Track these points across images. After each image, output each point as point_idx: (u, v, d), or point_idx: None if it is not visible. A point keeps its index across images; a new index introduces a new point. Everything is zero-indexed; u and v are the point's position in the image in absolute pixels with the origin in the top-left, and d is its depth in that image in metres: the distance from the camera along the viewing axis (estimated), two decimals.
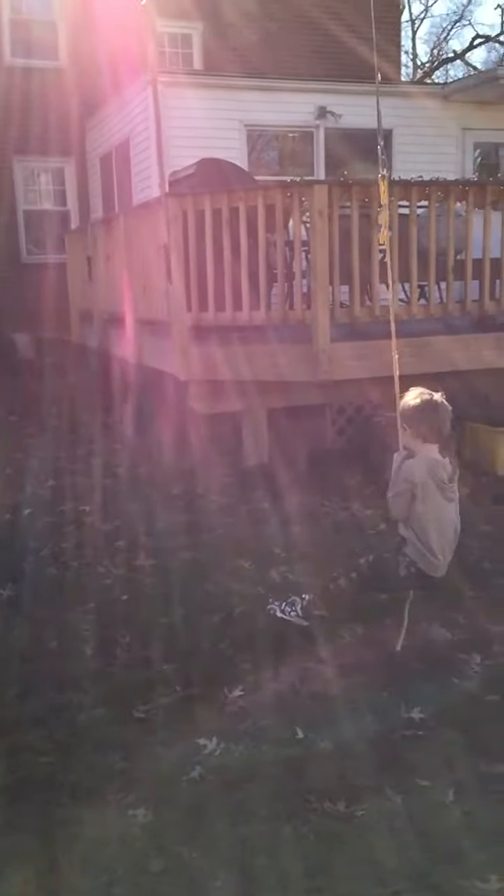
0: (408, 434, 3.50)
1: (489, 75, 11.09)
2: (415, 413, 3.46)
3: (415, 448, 3.51)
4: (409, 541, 3.52)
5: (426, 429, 3.45)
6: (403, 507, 3.47)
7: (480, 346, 6.70)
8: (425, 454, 3.48)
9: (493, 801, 2.60)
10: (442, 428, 3.48)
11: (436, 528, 3.48)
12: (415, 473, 3.41)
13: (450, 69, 31.68)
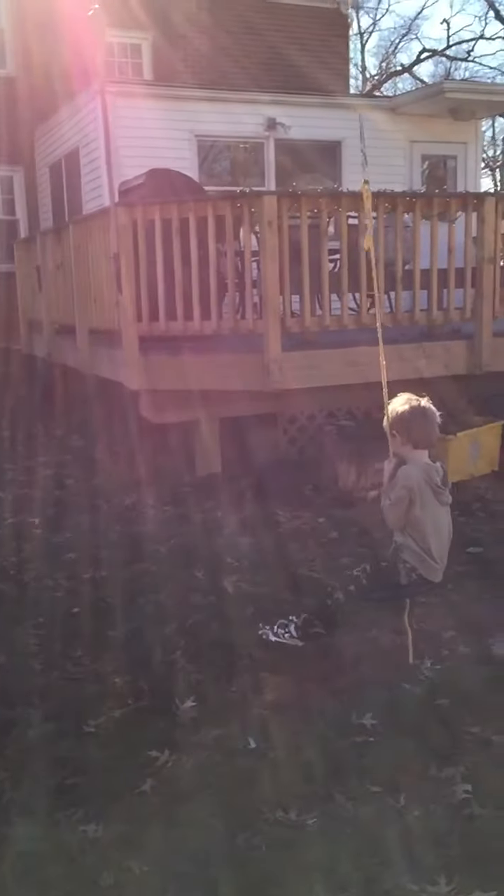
0: (398, 440, 3.49)
1: (436, 89, 11.28)
2: (405, 419, 3.46)
3: (406, 454, 3.50)
4: (407, 547, 3.49)
5: (417, 434, 3.45)
6: (401, 514, 3.44)
7: (430, 354, 6.79)
8: (417, 459, 3.48)
9: (443, 804, 2.63)
10: (432, 433, 3.50)
11: (434, 532, 3.48)
12: (412, 479, 3.40)
13: (398, 82, 32.20)
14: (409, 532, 3.47)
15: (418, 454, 3.48)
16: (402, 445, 3.48)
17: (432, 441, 3.53)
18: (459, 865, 2.34)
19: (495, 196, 6.85)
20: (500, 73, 33.74)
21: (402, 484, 3.40)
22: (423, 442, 3.48)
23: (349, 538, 5.44)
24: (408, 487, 3.38)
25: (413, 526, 3.45)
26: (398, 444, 3.50)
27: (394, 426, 3.48)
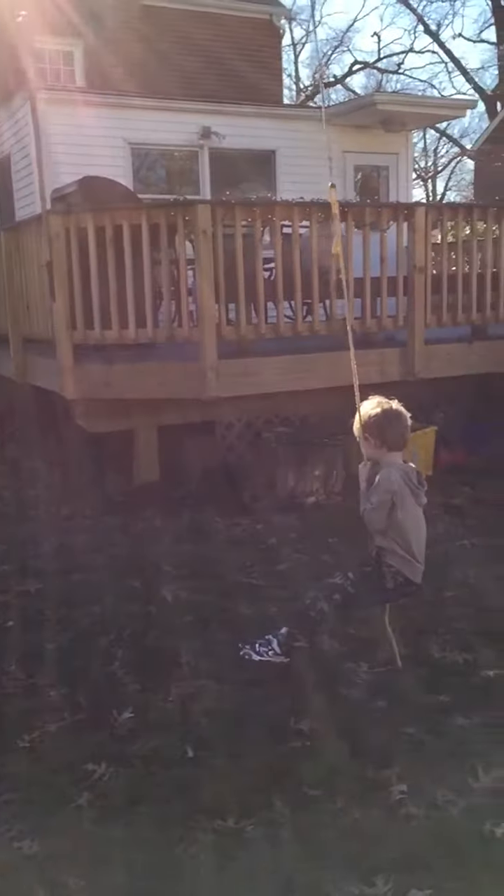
0: (371, 444, 3.48)
1: (367, 100, 11.47)
2: (378, 422, 3.45)
3: (379, 457, 3.49)
4: (390, 551, 3.48)
5: (390, 437, 3.45)
6: (383, 518, 3.43)
7: (365, 362, 6.87)
8: (392, 462, 3.49)
9: (379, 806, 2.66)
10: (405, 434, 3.50)
11: (414, 533, 3.49)
12: (394, 481, 3.40)
13: (332, 94, 32.61)
14: (392, 535, 3.46)
15: (392, 456, 3.49)
16: (377, 449, 3.47)
17: (405, 442, 3.53)
18: (396, 865, 2.36)
19: (425, 206, 6.99)
20: (431, 86, 34.46)
21: (385, 487, 3.39)
22: (396, 444, 3.48)
23: (287, 544, 5.47)
24: (390, 490, 3.38)
25: (396, 529, 3.45)
26: (372, 448, 3.49)
27: (367, 429, 3.46)
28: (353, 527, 5.79)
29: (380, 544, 3.50)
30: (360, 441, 3.53)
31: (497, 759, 2.88)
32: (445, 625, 4.05)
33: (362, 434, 3.49)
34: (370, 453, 3.51)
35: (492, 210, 7.29)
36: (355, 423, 3.56)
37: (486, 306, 7.22)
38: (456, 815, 2.60)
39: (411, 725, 3.14)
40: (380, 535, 3.49)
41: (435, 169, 35.69)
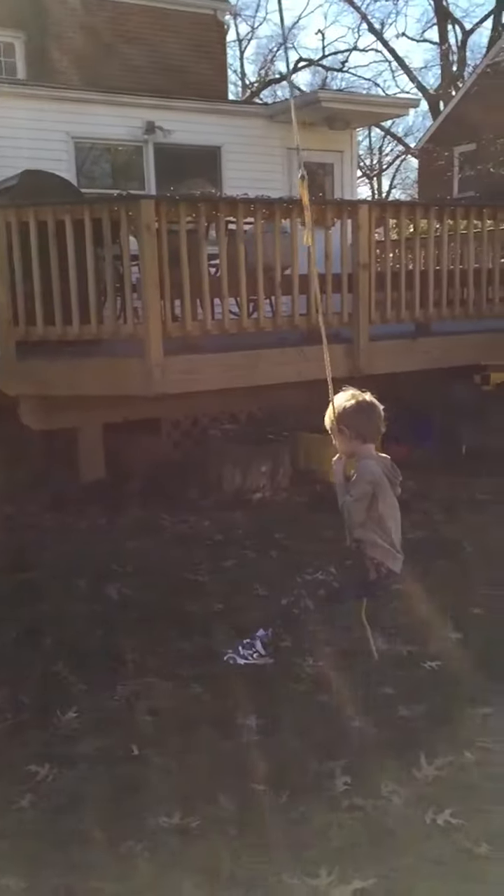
0: (347, 436, 3.46)
1: (311, 98, 11.50)
2: (354, 414, 3.45)
3: (355, 449, 3.48)
4: (371, 543, 3.47)
5: (365, 428, 3.45)
6: (364, 509, 3.42)
7: (311, 358, 6.91)
8: (368, 453, 3.48)
9: (325, 798, 2.68)
10: (380, 426, 3.50)
11: (393, 523, 3.49)
12: (375, 473, 3.40)
13: (277, 90, 32.68)
14: (373, 527, 3.45)
15: (367, 448, 3.49)
16: (351, 440, 3.46)
17: (380, 434, 3.54)
18: (340, 856, 2.39)
19: (369, 204, 7.05)
20: (375, 85, 34.78)
21: (367, 479, 3.39)
22: (371, 435, 3.49)
23: (234, 541, 5.48)
24: (372, 482, 3.39)
25: (376, 520, 3.45)
26: (347, 440, 3.47)
27: (342, 421, 3.44)
28: (300, 522, 5.88)
29: (359, 537, 3.49)
30: (334, 434, 3.50)
31: (439, 748, 2.93)
32: (391, 617, 4.09)
33: (337, 426, 3.46)
34: (345, 446, 3.50)
35: (434, 208, 7.40)
36: (327, 415, 3.54)
37: (430, 303, 7.31)
38: (399, 804, 2.64)
39: (356, 718, 3.17)
40: (359, 527, 3.47)
41: (380, 167, 36.01)
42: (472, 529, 5.52)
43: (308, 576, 3.65)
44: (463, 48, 31.66)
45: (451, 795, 2.66)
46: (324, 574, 3.56)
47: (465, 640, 3.85)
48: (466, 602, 4.30)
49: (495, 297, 7.66)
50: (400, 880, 2.28)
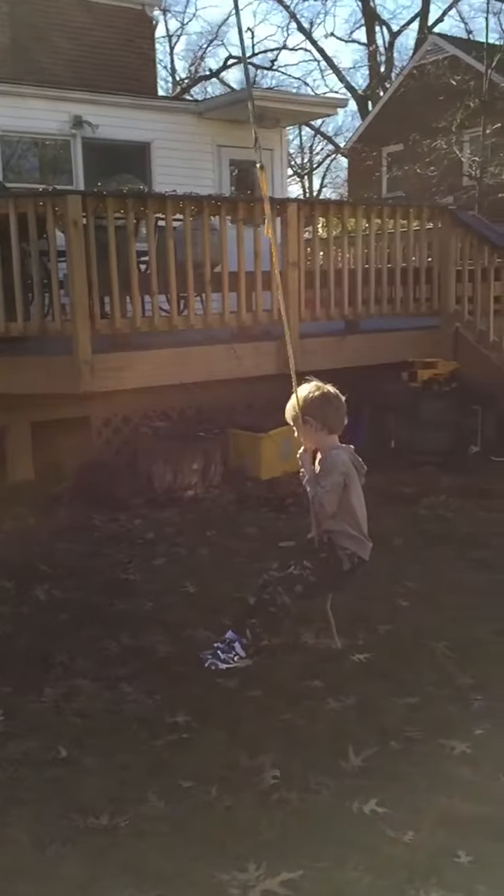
0: (313, 427, 3.44)
1: (240, 95, 11.52)
2: (320, 405, 3.43)
3: (321, 441, 3.47)
4: (342, 533, 3.47)
5: (332, 419, 3.44)
6: (336, 500, 3.41)
7: (242, 355, 6.94)
8: (333, 444, 3.48)
9: (253, 792, 2.69)
10: (344, 417, 3.50)
11: (362, 512, 3.51)
12: (346, 463, 3.40)
13: (208, 87, 32.64)
14: (343, 517, 3.46)
15: (332, 439, 3.50)
16: (317, 432, 3.45)
17: (343, 425, 3.53)
18: (268, 850, 2.40)
19: (297, 202, 7.12)
20: (304, 84, 35.03)
21: (341, 469, 3.39)
22: (337, 426, 3.48)
23: (165, 539, 5.46)
24: (344, 472, 3.39)
25: (347, 510, 3.45)
26: (312, 431, 3.46)
27: (308, 412, 3.43)
28: (231, 519, 5.89)
29: (330, 528, 3.49)
30: (298, 426, 3.49)
31: (367, 739, 2.97)
32: (318, 612, 4.13)
33: (302, 417, 3.45)
34: (310, 437, 3.49)
35: (361, 207, 7.50)
36: (290, 407, 3.53)
37: (358, 301, 7.42)
38: (327, 796, 2.67)
39: (286, 712, 3.19)
40: (330, 518, 3.47)
41: (311, 166, 36.28)
42: (400, 522, 5.61)
43: (276, 572, 3.59)
44: (390, 49, 32.15)
45: (377, 785, 2.70)
46: (298, 569, 3.52)
47: (394, 633, 3.92)
48: (395, 594, 4.37)
49: (422, 296, 7.81)
50: (327, 870, 2.31)
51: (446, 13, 31.42)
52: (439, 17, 31.08)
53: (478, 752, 2.89)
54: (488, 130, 17.39)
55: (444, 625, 3.98)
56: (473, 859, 2.35)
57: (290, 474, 6.90)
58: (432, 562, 4.90)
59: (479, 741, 2.96)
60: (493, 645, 3.78)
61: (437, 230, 7.85)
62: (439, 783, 2.72)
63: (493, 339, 7.46)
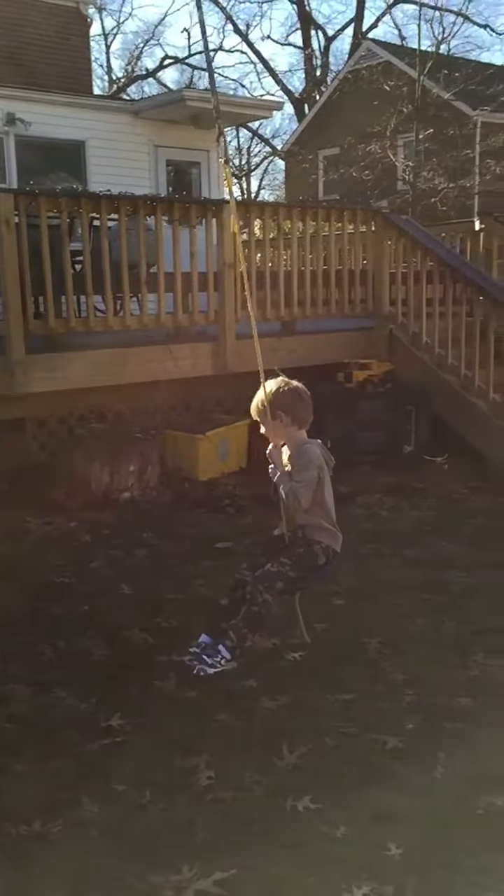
0: (283, 421, 3.42)
1: (176, 96, 11.52)
2: (290, 399, 3.41)
3: (290, 435, 3.44)
4: (316, 527, 3.46)
5: (301, 413, 3.43)
6: (311, 494, 3.40)
7: (178, 356, 6.92)
8: (303, 438, 3.46)
9: (187, 793, 2.69)
10: (311, 411, 3.49)
11: (332, 505, 3.50)
12: (319, 456, 3.39)
13: (145, 86, 32.47)
14: (317, 511, 3.45)
15: (302, 434, 3.49)
16: (287, 427, 3.44)
17: (310, 420, 3.53)
18: (202, 850, 2.41)
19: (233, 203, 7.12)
20: (241, 86, 35.09)
21: (316, 463, 3.39)
22: (305, 421, 3.48)
23: (101, 541, 5.42)
24: (318, 466, 3.39)
25: (320, 504, 3.45)
26: (282, 426, 3.44)
27: (279, 407, 3.41)
28: (168, 520, 5.87)
29: (304, 522, 3.48)
30: (266, 422, 3.47)
31: (301, 737, 3.00)
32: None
33: (272, 412, 3.42)
34: (279, 432, 3.47)
35: (297, 209, 7.56)
36: (256, 403, 3.50)
37: (294, 303, 7.47)
38: (261, 794, 2.69)
39: (221, 712, 3.20)
40: (304, 513, 3.46)
41: (249, 167, 36.38)
42: (337, 521, 5.66)
43: (248, 571, 3.57)
44: (326, 54, 32.45)
45: (311, 782, 2.73)
46: (276, 565, 3.49)
47: (329, 631, 3.96)
48: (331, 593, 4.41)
49: (356, 298, 7.91)
50: (260, 868, 2.33)
51: (380, 19, 31.98)
52: (373, 23, 31.55)
53: (409, 746, 2.95)
54: (421, 136, 17.71)
55: (378, 622, 4.04)
56: (404, 852, 2.40)
57: (228, 475, 6.93)
58: (367, 560, 4.96)
59: (411, 735, 3.02)
60: (425, 641, 3.86)
61: (372, 233, 7.96)
62: (371, 778, 2.76)
63: (426, 341, 7.59)
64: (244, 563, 3.71)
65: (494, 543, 5.35)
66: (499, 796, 2.65)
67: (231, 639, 3.49)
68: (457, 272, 7.29)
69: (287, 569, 3.49)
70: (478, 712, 3.19)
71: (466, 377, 7.20)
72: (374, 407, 7.45)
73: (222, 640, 3.51)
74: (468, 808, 2.61)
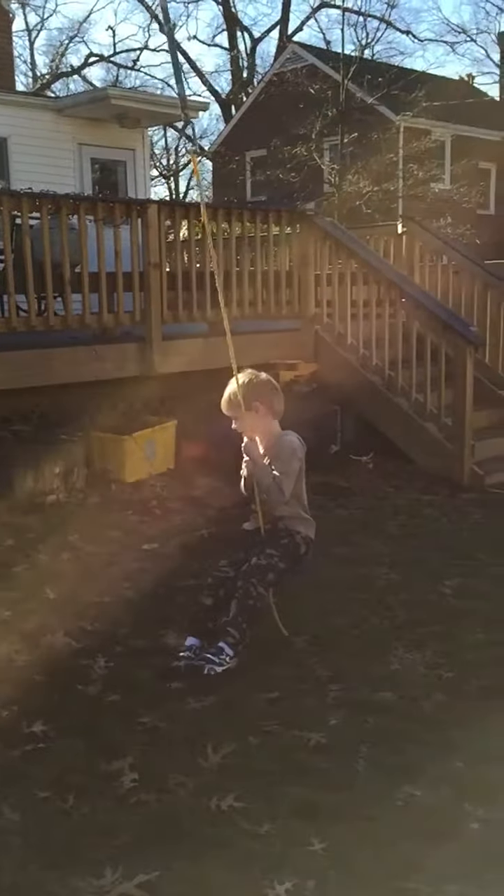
0: (261, 412, 3.37)
1: (101, 94, 11.42)
2: (265, 389, 3.38)
3: (267, 426, 3.39)
4: (295, 518, 3.42)
5: (277, 404, 3.41)
6: (293, 485, 3.35)
7: (104, 357, 6.85)
8: (278, 429, 3.42)
9: (110, 797, 2.67)
10: (283, 401, 3.48)
11: (305, 493, 3.48)
12: (300, 447, 3.37)
13: (70, 84, 32.07)
14: (294, 502, 3.42)
15: (277, 425, 3.46)
16: (263, 417, 3.40)
17: (283, 410, 3.51)
18: (125, 853, 2.39)
19: (158, 203, 7.10)
20: (167, 85, 34.94)
21: (299, 455, 3.37)
22: (280, 411, 3.46)
23: (26, 545, 5.32)
24: (299, 458, 3.37)
25: (297, 494, 3.43)
26: (259, 417, 3.39)
27: (257, 398, 3.37)
28: (95, 523, 5.81)
29: (283, 514, 3.45)
30: (240, 414, 3.41)
31: (226, 737, 3.01)
32: (181, 613, 4.15)
33: (246, 404, 3.37)
34: (255, 424, 3.42)
35: (222, 210, 7.57)
36: (229, 396, 3.45)
37: (221, 304, 7.46)
38: (185, 796, 2.68)
39: (146, 715, 3.19)
40: (283, 504, 3.41)
41: (176, 167, 36.26)
42: None
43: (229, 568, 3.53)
44: (252, 55, 32.61)
45: (235, 780, 2.74)
46: (265, 558, 3.44)
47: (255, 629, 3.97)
48: None
49: (282, 299, 7.96)
50: (183, 869, 2.32)
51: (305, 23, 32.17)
52: (298, 27, 31.81)
53: (332, 742, 2.98)
54: (346, 139, 17.94)
55: (305, 620, 4.07)
56: (326, 846, 2.43)
57: (155, 476, 6.89)
58: None
59: (334, 731, 3.06)
60: (350, 637, 3.92)
61: (297, 235, 8.03)
62: (295, 774, 2.79)
63: (351, 342, 7.70)
64: (222, 561, 3.66)
65: (417, 539, 5.47)
66: (419, 787, 2.71)
67: (233, 636, 3.42)
68: (379, 274, 7.42)
69: (276, 560, 3.47)
70: (399, 705, 3.25)
71: (390, 377, 7.33)
72: (301, 407, 7.51)
73: (223, 638, 3.44)
74: (389, 800, 2.66)
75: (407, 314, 7.22)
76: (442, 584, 4.56)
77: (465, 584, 4.59)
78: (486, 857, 2.40)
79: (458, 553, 5.13)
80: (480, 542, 5.36)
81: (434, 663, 3.61)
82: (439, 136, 22.67)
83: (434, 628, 3.96)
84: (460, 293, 8.32)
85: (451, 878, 2.30)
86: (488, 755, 2.90)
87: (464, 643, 3.83)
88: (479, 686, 3.41)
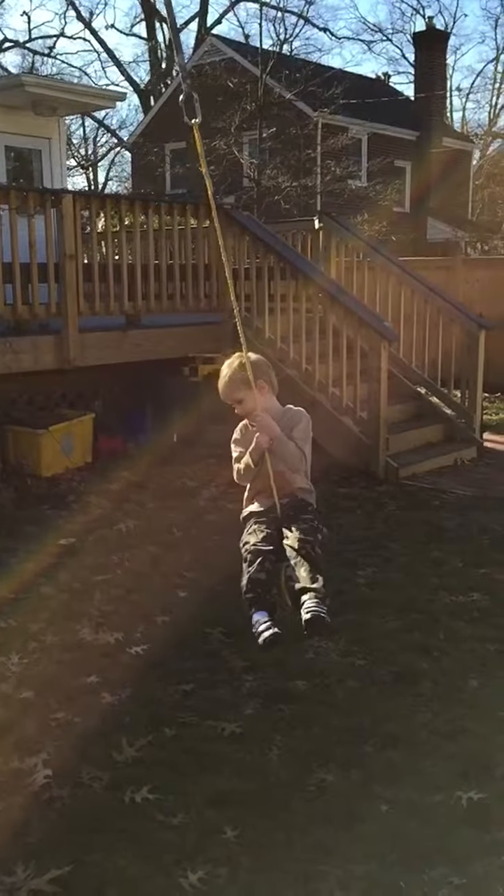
0: (265, 390, 3.25)
1: (14, 81, 11.13)
2: (266, 366, 3.28)
3: (269, 402, 3.28)
4: (307, 490, 3.32)
5: (275, 379, 3.32)
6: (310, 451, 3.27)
7: (19, 349, 6.72)
8: (279, 405, 3.32)
9: (23, 794, 2.65)
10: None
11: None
12: (309, 420, 3.30)
13: None
14: (305, 474, 3.34)
15: (276, 401, 3.37)
16: (268, 394, 3.28)
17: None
18: (37, 850, 2.38)
19: (73, 194, 6.99)
20: (84, 74, 34.45)
21: (310, 427, 3.30)
22: (277, 387, 3.37)
23: None
24: (310, 430, 3.30)
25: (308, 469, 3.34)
26: (263, 394, 3.26)
27: (262, 376, 3.24)
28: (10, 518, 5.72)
29: (299, 485, 3.34)
30: (246, 394, 3.22)
31: (140, 729, 3.02)
32: (98, 608, 4.13)
33: (254, 384, 3.19)
34: (259, 402, 3.24)
35: (139, 202, 7.51)
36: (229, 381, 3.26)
37: (139, 296, 7.42)
38: (99, 790, 2.68)
39: (60, 710, 3.17)
40: (300, 477, 3.33)
41: (95, 158, 35.72)
42: (181, 515, 5.71)
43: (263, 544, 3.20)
44: (171, 47, 32.30)
45: (149, 773, 2.75)
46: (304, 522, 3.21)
47: (171, 623, 3.99)
48: (174, 585, 4.45)
49: (200, 293, 7.96)
50: (96, 863, 2.33)
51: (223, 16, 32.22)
52: (217, 20, 31.81)
53: (247, 731, 3.02)
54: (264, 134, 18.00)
55: (220, 612, 4.09)
56: (239, 834, 2.46)
57: (73, 470, 6.82)
58: (211, 552, 5.02)
59: (249, 720, 3.10)
60: None
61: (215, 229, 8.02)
62: (209, 764, 2.82)
63: (269, 336, 7.75)
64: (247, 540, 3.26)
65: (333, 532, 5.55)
66: (330, 773, 2.77)
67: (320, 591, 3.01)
68: (294, 268, 7.49)
69: (316, 523, 3.29)
70: (312, 693, 3.32)
71: (307, 371, 7.41)
72: (220, 401, 7.54)
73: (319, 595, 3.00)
74: (302, 786, 2.72)
75: (324, 309, 7.31)
76: (356, 574, 4.65)
77: (377, 574, 4.70)
78: (395, 837, 2.48)
79: (372, 544, 5.24)
80: (393, 534, 5.49)
81: (348, 651, 3.69)
82: (356, 133, 22.97)
83: (348, 617, 4.03)
84: (375, 289, 8.47)
85: (359, 860, 2.37)
86: (396, 739, 2.99)
87: (376, 631, 3.93)
88: (390, 672, 3.51)
